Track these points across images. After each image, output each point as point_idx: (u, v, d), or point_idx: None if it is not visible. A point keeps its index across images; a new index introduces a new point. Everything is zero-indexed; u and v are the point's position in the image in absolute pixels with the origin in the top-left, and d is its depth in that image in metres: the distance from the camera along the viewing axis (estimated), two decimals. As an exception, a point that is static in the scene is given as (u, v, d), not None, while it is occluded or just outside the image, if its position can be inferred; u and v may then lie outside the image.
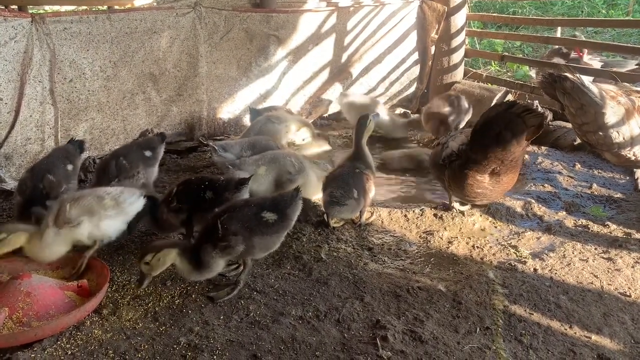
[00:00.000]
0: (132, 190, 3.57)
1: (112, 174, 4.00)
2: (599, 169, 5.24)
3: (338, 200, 3.84)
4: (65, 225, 3.18)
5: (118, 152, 4.22)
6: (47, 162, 3.97)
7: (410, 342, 2.78)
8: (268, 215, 3.17)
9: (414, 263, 3.63)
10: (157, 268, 2.98)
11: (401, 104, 7.99)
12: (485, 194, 3.91)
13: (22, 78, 4.65)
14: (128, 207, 3.45)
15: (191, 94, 6.05)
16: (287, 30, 6.56)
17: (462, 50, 7.73)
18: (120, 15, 5.25)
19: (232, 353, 2.68)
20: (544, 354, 2.71)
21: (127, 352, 2.68)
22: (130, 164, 4.09)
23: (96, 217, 3.30)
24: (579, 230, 4.02)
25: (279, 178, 4.18)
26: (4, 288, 2.92)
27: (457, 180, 3.89)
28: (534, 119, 3.55)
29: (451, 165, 3.93)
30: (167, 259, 2.96)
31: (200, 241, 3.06)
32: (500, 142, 3.60)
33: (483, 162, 3.72)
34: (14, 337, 2.67)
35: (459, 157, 3.87)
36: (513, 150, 3.65)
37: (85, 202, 3.30)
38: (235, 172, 3.99)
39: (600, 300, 3.16)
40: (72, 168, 4.07)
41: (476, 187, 3.83)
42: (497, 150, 3.64)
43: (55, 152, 4.17)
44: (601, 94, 4.99)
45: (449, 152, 3.96)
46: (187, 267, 3.02)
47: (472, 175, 3.79)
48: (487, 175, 3.80)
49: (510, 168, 3.80)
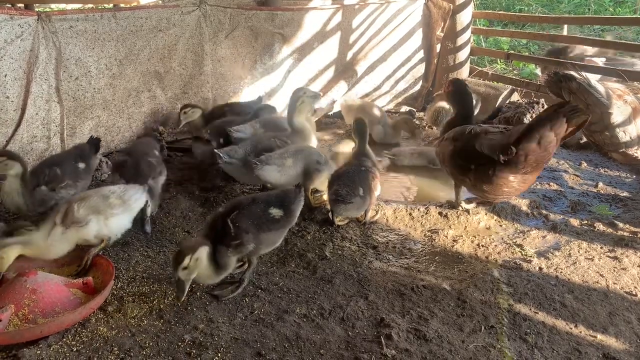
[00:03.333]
0: (136, 187, 3.62)
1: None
2: (605, 168, 5.22)
3: (344, 199, 3.82)
4: (74, 225, 3.23)
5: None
6: (60, 156, 4.07)
7: (415, 341, 2.78)
8: (275, 212, 3.20)
9: (419, 261, 3.62)
10: (195, 270, 2.86)
11: (406, 102, 7.98)
12: (511, 192, 3.83)
13: (29, 76, 4.66)
14: (133, 204, 3.51)
15: (196, 92, 6.05)
16: (292, 28, 6.55)
17: (467, 48, 7.71)
18: (126, 13, 5.26)
19: (236, 351, 2.69)
20: (549, 353, 2.70)
21: (132, 349, 2.69)
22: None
23: (103, 216, 3.36)
24: (585, 229, 4.00)
25: (307, 168, 4.20)
26: (10, 285, 2.94)
27: (486, 181, 3.75)
28: (579, 118, 3.46)
29: (479, 167, 3.76)
30: (203, 257, 2.87)
31: (213, 243, 3.01)
32: (543, 143, 3.49)
33: (521, 165, 3.59)
34: (19, 334, 2.68)
35: (491, 159, 3.68)
36: (551, 151, 3.58)
37: (92, 202, 3.34)
38: (262, 167, 4.00)
39: (606, 299, 3.15)
40: (85, 167, 4.10)
41: (505, 186, 3.74)
42: (537, 152, 3.52)
43: (72, 149, 4.25)
44: (608, 93, 4.95)
45: (476, 155, 3.77)
46: (210, 269, 2.95)
47: (505, 176, 3.68)
48: (519, 175, 3.70)
49: (540, 166, 3.72)
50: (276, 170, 4.06)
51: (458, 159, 3.95)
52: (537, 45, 10.34)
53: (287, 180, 4.11)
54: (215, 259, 2.98)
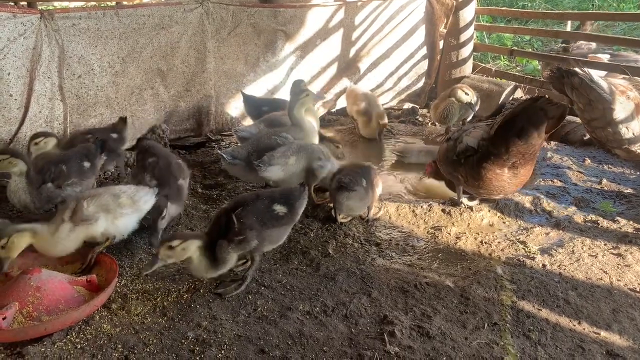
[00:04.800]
0: (146, 189, 3.63)
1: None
2: (609, 164, 5.20)
3: (347, 185, 3.81)
4: (83, 222, 3.24)
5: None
6: (66, 154, 4.08)
7: (418, 338, 2.78)
8: (278, 208, 3.21)
9: (422, 259, 3.62)
10: (177, 257, 2.93)
11: (409, 99, 7.96)
12: (503, 188, 3.87)
13: (31, 74, 4.67)
14: (143, 205, 3.52)
15: (199, 90, 6.05)
16: (294, 25, 6.54)
17: (470, 44, 7.69)
18: (128, 10, 5.26)
19: (239, 348, 2.69)
20: (552, 350, 2.70)
21: (136, 346, 2.70)
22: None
23: (112, 215, 3.37)
24: (589, 225, 3.99)
25: (309, 165, 4.20)
26: (14, 283, 2.94)
27: (475, 175, 3.85)
28: (556, 109, 3.56)
29: (468, 160, 3.89)
30: (190, 250, 2.93)
31: (214, 238, 3.05)
32: (523, 135, 3.59)
33: (504, 157, 3.70)
34: (24, 332, 2.69)
35: (476, 151, 3.84)
36: (534, 143, 3.64)
37: (102, 200, 3.36)
38: (266, 169, 4.01)
39: (610, 296, 3.14)
40: (90, 166, 4.11)
41: (495, 181, 3.81)
42: (519, 144, 3.62)
43: (78, 148, 4.25)
44: (610, 89, 4.93)
45: (463, 147, 3.92)
46: (204, 263, 2.99)
47: (492, 169, 3.76)
48: (507, 169, 3.77)
49: (528, 160, 3.78)
50: (280, 170, 4.07)
51: (451, 154, 4.04)
52: (540, 42, 10.30)
53: (290, 178, 4.12)
54: (214, 253, 2.99)
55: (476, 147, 3.83)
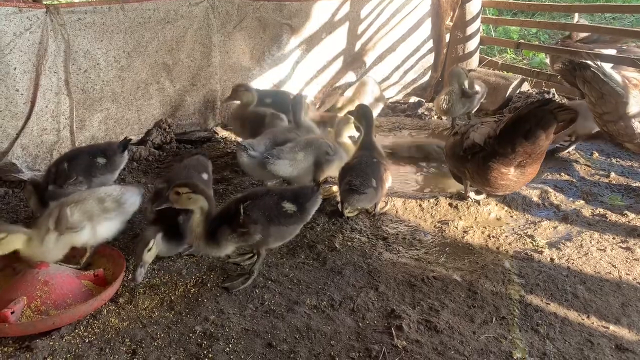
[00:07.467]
0: (133, 190, 3.53)
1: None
2: (617, 158, 5.16)
3: (357, 189, 3.76)
4: (68, 231, 3.09)
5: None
6: (78, 150, 4.11)
7: (426, 332, 2.77)
8: (287, 206, 3.17)
9: (429, 253, 3.61)
10: (181, 203, 2.97)
11: (415, 92, 7.92)
12: (509, 186, 3.84)
13: (38, 69, 4.68)
14: (129, 207, 3.42)
15: (205, 84, 6.04)
16: (300, 19, 6.51)
17: (477, 37, 7.63)
18: (134, 5, 5.25)
19: (247, 341, 2.70)
20: (560, 344, 2.69)
21: (144, 340, 2.71)
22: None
23: (96, 221, 3.24)
24: (597, 219, 3.97)
25: (318, 160, 4.19)
26: (22, 277, 2.96)
27: (481, 172, 3.81)
28: (566, 115, 3.52)
29: (474, 157, 3.85)
30: (197, 203, 2.97)
31: (220, 219, 3.05)
32: (530, 137, 3.55)
33: (510, 156, 3.66)
34: (32, 326, 2.71)
35: (483, 149, 3.79)
36: (541, 144, 3.61)
37: (86, 206, 3.21)
38: (274, 162, 3.99)
39: (619, 290, 3.12)
40: (105, 162, 4.03)
41: (500, 179, 3.77)
42: (526, 145, 3.58)
43: (100, 144, 4.24)
44: (623, 82, 4.87)
45: (470, 143, 3.89)
46: (200, 231, 3.01)
47: (498, 167, 3.72)
48: (513, 168, 3.73)
49: (535, 160, 3.74)
50: (288, 165, 4.05)
51: (458, 149, 4.01)
52: (547, 35, 10.22)
53: (299, 173, 4.10)
54: (214, 231, 3.00)
55: (483, 145, 3.80)
